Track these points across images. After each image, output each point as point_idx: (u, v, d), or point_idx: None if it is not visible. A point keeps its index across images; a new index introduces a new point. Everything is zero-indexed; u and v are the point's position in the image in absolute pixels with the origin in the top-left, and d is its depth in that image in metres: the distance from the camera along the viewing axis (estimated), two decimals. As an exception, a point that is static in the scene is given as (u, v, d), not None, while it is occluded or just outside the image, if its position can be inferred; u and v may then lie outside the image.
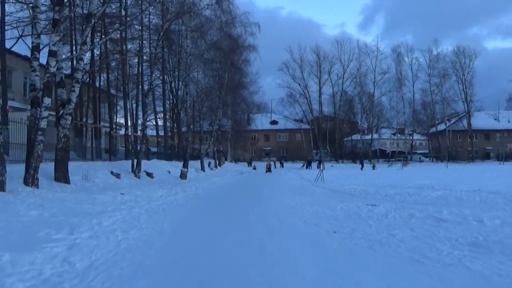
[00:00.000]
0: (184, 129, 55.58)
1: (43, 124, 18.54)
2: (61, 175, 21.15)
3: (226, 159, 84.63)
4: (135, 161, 31.95)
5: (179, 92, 55.91)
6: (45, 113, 18.57)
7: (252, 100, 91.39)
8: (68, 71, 33.00)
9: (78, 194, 18.24)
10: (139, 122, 43.54)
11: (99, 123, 41.73)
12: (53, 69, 18.67)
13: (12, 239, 9.50)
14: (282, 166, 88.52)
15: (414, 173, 48.71)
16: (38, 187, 18.23)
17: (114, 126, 46.59)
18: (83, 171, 24.13)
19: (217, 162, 66.58)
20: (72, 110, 22.02)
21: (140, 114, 41.36)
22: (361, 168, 72.24)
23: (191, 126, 54.44)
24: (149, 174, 33.44)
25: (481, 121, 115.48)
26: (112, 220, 12.89)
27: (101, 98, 45.09)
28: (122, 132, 47.65)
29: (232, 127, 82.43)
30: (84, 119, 42.37)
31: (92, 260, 8.43)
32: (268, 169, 65.01)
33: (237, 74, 70.60)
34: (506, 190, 22.17)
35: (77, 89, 21.90)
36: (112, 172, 28.09)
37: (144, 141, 34.90)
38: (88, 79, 44.18)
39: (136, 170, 31.39)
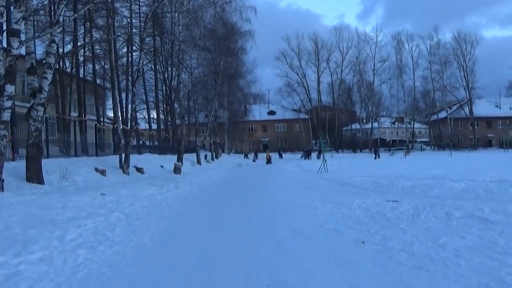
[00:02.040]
0: (179, 121, 53.14)
1: (5, 116, 15.74)
2: (34, 175, 18.43)
3: (223, 151, 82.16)
4: (123, 155, 29.19)
5: (173, 83, 53.17)
6: (8, 103, 15.77)
7: (249, 91, 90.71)
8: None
9: (50, 196, 15.48)
10: (129, 114, 41.18)
11: (85, 116, 38.93)
12: (15, 51, 15.88)
13: None
14: (281, 157, 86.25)
15: (420, 162, 46.85)
16: (3, 190, 15.48)
17: (101, 119, 43.76)
18: (63, 168, 21.43)
19: (214, 154, 64.02)
20: (45, 100, 19.26)
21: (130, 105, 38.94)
22: (376, 158, 69.68)
23: (185, 117, 51.73)
24: (139, 170, 30.70)
25: (482, 108, 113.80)
26: (80, 231, 10.33)
27: (87, 89, 42.57)
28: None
29: (228, 118, 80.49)
30: (71, 113, 39.74)
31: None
32: (268, 161, 62.92)
33: (233, 62, 68.51)
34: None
35: (49, 76, 19.16)
36: (96, 169, 25.30)
37: (133, 134, 32.02)
38: (71, 69, 41.65)
39: (124, 166, 28.61)
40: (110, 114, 55.57)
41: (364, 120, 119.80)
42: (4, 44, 17.10)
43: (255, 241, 9.74)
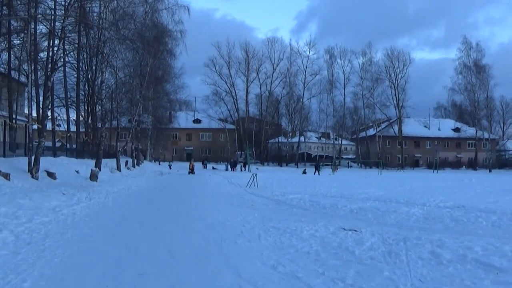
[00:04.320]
0: (100, 124, 49.68)
1: None
2: None
3: (145, 158, 78.78)
4: (33, 158, 25.78)
5: (96, 82, 49.51)
6: None
7: (175, 96, 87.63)
8: None
9: None
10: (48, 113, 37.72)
11: (-7, 112, 35.07)
12: None
13: None
14: (205, 167, 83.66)
15: (352, 180, 46.03)
16: None
17: (14, 116, 39.75)
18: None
19: (136, 161, 60.76)
20: None
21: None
22: (317, 173, 67.95)
23: (106, 119, 48.28)
24: (51, 175, 27.40)
25: (411, 128, 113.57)
26: None
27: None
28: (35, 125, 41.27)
29: (152, 124, 77.18)
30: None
31: None
32: (191, 171, 59.71)
33: (161, 65, 65.30)
34: (495, 207, 19.10)
35: None
36: (-1, 172, 22.04)
37: (45, 134, 28.40)
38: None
39: (33, 169, 25.26)
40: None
41: (290, 134, 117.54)
42: None
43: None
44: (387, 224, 14.44)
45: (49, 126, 45.93)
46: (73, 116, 57.84)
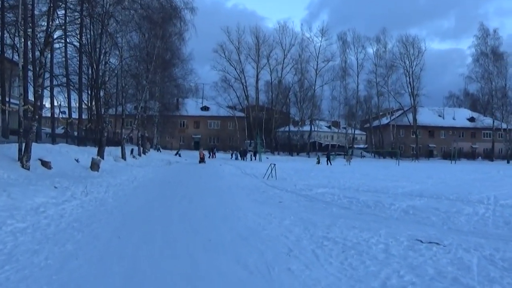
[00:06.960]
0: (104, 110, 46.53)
1: None
2: None
3: (151, 146, 75.80)
4: (24, 145, 22.45)
5: (100, 65, 46.14)
6: None
7: (183, 83, 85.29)
8: None
9: None
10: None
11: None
12: None
13: None
14: (215, 156, 79.99)
15: (373, 171, 43.62)
16: None
17: (7, 98, 36.31)
18: None
19: (142, 149, 57.63)
20: None
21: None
22: (329, 163, 64.13)
23: (110, 105, 45.12)
24: (45, 164, 24.06)
25: (425, 117, 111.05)
26: None
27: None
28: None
29: (159, 111, 74.92)
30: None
31: None
32: (202, 160, 56.20)
33: (169, 48, 62.09)
34: None
35: None
36: (-20, 161, 18.76)
37: (37, 116, 24.78)
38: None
39: (24, 158, 21.96)
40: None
41: (300, 123, 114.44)
42: None
43: None
44: (465, 232, 11.32)
45: (50, 111, 43.04)
46: (75, 101, 54.98)
